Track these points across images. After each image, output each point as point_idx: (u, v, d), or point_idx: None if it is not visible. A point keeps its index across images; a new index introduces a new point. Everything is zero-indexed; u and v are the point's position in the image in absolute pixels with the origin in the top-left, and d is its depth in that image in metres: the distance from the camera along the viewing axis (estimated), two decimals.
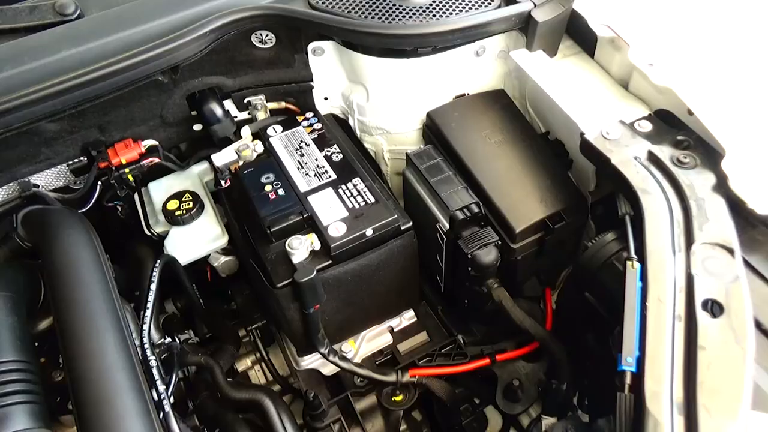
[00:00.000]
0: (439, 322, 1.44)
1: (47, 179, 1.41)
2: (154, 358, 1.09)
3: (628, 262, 0.97)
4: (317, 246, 1.19)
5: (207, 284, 1.56)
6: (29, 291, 1.19)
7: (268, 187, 1.29)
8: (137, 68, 1.17)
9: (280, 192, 1.28)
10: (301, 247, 1.17)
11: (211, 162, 1.50)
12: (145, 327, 1.13)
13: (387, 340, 1.42)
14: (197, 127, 1.50)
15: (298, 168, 1.33)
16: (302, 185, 1.29)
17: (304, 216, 1.22)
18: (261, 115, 1.52)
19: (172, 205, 1.40)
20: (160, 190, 1.48)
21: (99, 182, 1.41)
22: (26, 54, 1.20)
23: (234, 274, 1.55)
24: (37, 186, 1.38)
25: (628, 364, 0.88)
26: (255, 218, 1.25)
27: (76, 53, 1.20)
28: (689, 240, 0.97)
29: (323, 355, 1.27)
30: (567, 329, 1.29)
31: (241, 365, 1.52)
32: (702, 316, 0.89)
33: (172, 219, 1.38)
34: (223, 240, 1.40)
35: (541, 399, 1.30)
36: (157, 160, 1.44)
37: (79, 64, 1.17)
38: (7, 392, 0.98)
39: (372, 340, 1.41)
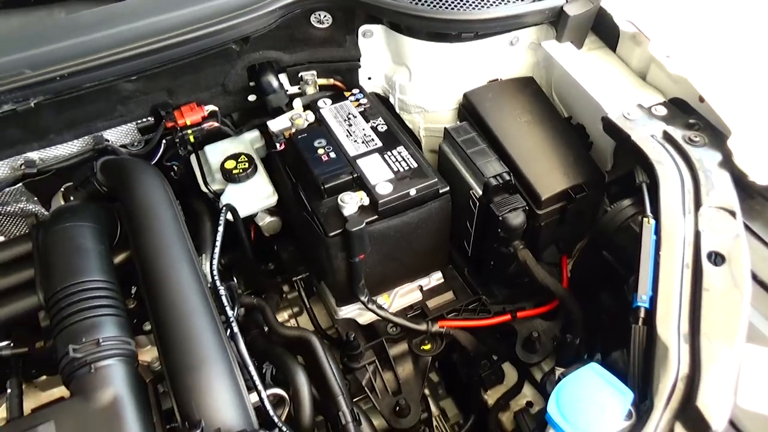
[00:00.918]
0: (464, 283, 1.59)
1: (116, 135, 1.56)
2: (223, 288, 1.23)
3: (644, 219, 1.12)
4: (366, 202, 1.33)
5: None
6: (107, 228, 1.33)
7: (320, 151, 1.43)
8: (216, 36, 1.32)
9: (332, 155, 1.42)
10: (351, 202, 1.32)
11: (262, 130, 1.66)
12: (215, 261, 1.27)
13: (417, 296, 1.57)
14: (252, 97, 1.65)
15: (347, 136, 1.48)
16: (351, 150, 1.44)
17: (354, 176, 1.37)
18: (310, 90, 1.67)
19: (230, 164, 1.54)
20: (215, 152, 1.62)
21: (163, 141, 1.56)
22: (115, 18, 1.34)
23: (276, 234, 1.69)
24: (107, 141, 1.54)
25: (642, 301, 1.04)
26: (309, 177, 1.40)
27: (159, 21, 1.35)
28: (697, 203, 1.13)
29: (363, 303, 1.42)
30: (581, 291, 1.44)
31: (280, 318, 1.66)
32: (707, 265, 1.04)
33: (229, 177, 1.52)
34: (274, 199, 1.55)
35: (555, 352, 1.45)
36: (216, 124, 1.59)
37: (161, 30, 1.32)
38: (99, 305, 1.12)
39: (403, 296, 1.56)
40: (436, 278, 1.60)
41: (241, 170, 1.52)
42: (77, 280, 1.14)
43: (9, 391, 1.14)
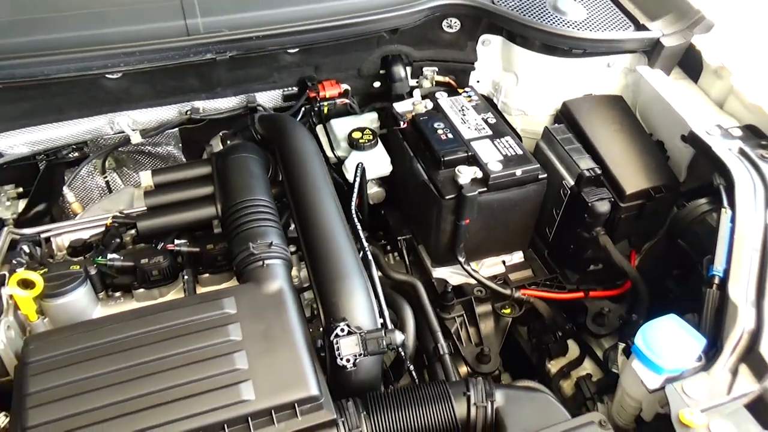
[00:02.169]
0: (542, 264, 1.82)
1: (264, 98, 1.85)
2: (359, 221, 1.49)
3: (723, 210, 1.35)
4: (478, 175, 1.58)
5: None
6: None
7: (439, 131, 1.70)
8: (375, 24, 1.61)
9: (449, 135, 1.69)
10: (466, 173, 1.57)
11: (379, 113, 1.93)
12: (354, 203, 1.53)
13: (500, 269, 1.80)
14: (376, 84, 1.94)
15: (462, 123, 1.74)
16: (466, 134, 1.70)
17: (468, 154, 1.63)
18: (426, 84, 1.95)
19: (356, 134, 1.81)
20: (340, 125, 1.90)
21: (302, 108, 1.85)
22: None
23: (380, 203, 1.94)
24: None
25: (717, 271, 1.26)
26: (429, 151, 1.66)
27: (333, 5, 1.64)
28: (767, 204, 1.36)
29: (460, 263, 1.66)
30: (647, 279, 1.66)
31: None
32: None
33: (355, 145, 1.79)
34: (389, 168, 1.81)
35: (618, 330, 1.66)
36: (347, 101, 1.88)
37: (333, 12, 1.62)
38: (267, 219, 1.39)
39: (489, 267, 1.80)
40: (517, 257, 1.84)
41: (366, 140, 1.79)
42: (251, 197, 1.41)
43: (186, 277, 1.39)
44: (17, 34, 1.45)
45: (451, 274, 1.76)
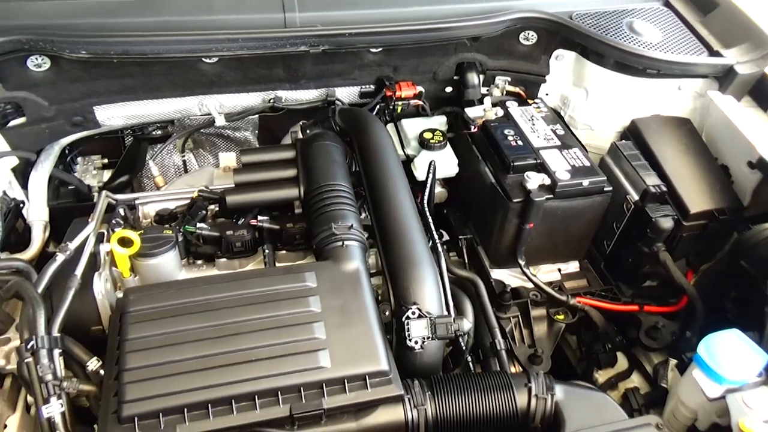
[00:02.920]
0: (597, 275, 1.86)
1: (341, 94, 1.94)
2: (430, 216, 1.56)
3: None
4: (546, 182, 1.64)
5: None
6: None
7: (509, 138, 1.76)
8: (459, 30, 1.69)
9: (519, 142, 1.75)
10: (535, 179, 1.63)
11: (448, 117, 2.01)
12: (426, 197, 1.60)
13: (555, 276, 1.85)
14: (448, 89, 2.02)
15: (531, 132, 1.80)
16: (535, 142, 1.76)
17: (537, 161, 1.69)
18: (496, 92, 2.02)
19: (428, 134, 1.88)
20: (411, 125, 1.97)
21: (377, 106, 1.93)
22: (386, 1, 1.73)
23: (441, 203, 2.01)
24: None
25: None
26: (498, 155, 1.72)
27: (413, 11, 1.73)
28: None
29: (520, 266, 1.71)
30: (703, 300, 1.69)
31: None
32: None
33: (426, 144, 1.86)
34: (456, 170, 1.88)
35: (671, 345, 1.69)
36: (420, 103, 1.96)
37: (422, 17, 1.70)
38: (347, 203, 1.47)
39: (545, 273, 1.84)
40: (573, 266, 1.88)
41: (437, 141, 1.86)
42: (333, 182, 1.50)
43: (267, 251, 1.48)
44: (135, 14, 1.58)
45: (508, 276, 1.82)
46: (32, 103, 1.65)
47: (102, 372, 1.28)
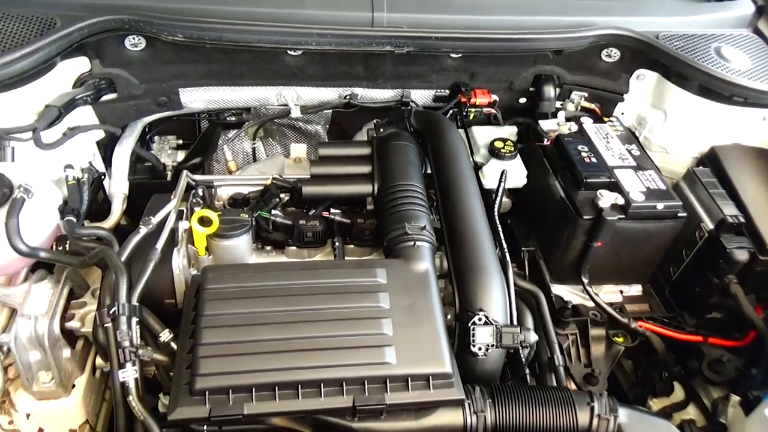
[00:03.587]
0: (660, 301, 1.82)
1: (416, 96, 1.96)
2: (500, 225, 1.56)
3: None
4: (619, 202, 1.62)
5: None
6: None
7: (583, 153, 1.75)
8: (544, 42, 1.69)
9: (593, 159, 1.73)
10: (608, 197, 1.61)
11: (519, 128, 2.00)
12: (497, 205, 1.60)
13: (617, 298, 1.82)
14: (522, 100, 2.01)
15: (606, 150, 1.78)
16: (609, 161, 1.73)
17: (611, 180, 1.67)
18: (571, 107, 2.00)
19: (499, 144, 1.88)
20: (481, 133, 1.97)
21: (450, 111, 1.94)
22: (475, 8, 1.74)
23: (505, 213, 2.01)
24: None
25: None
26: (570, 171, 1.71)
27: (500, 20, 1.73)
28: None
29: (583, 284, 1.69)
30: None
31: None
32: None
33: (496, 153, 1.86)
34: (524, 181, 1.87)
35: (734, 381, 1.64)
36: (493, 111, 1.96)
37: (508, 26, 1.71)
38: (420, 204, 1.49)
39: (607, 293, 1.82)
40: (636, 289, 1.85)
41: (507, 151, 1.86)
42: (407, 182, 1.52)
43: (337, 244, 1.51)
44: (229, 2, 1.63)
45: (568, 293, 1.80)
46: (124, 81, 1.72)
47: (173, 344, 1.32)
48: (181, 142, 2.14)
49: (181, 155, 2.11)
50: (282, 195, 1.69)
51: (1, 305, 1.50)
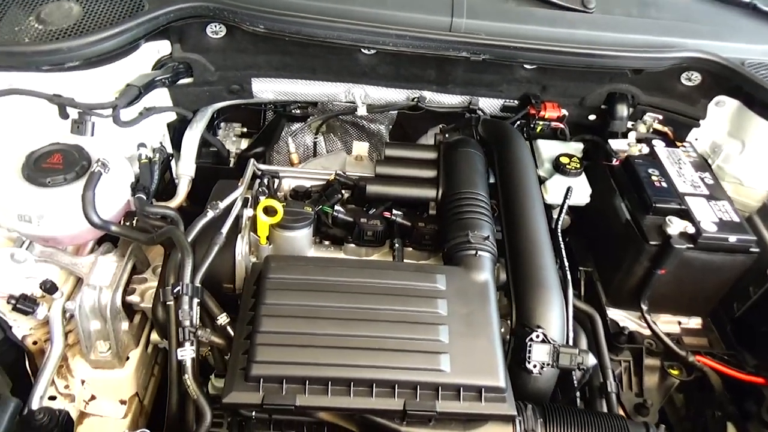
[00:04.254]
0: (720, 337, 1.75)
1: (484, 104, 1.94)
2: (562, 242, 1.53)
3: None
4: (689, 230, 1.56)
5: None
6: None
7: (654, 177, 1.70)
8: (625, 60, 1.65)
9: (663, 184, 1.68)
10: (678, 224, 1.56)
11: (585, 144, 1.95)
12: (560, 221, 1.57)
13: (674, 329, 1.76)
14: (592, 117, 1.97)
15: (677, 175, 1.72)
16: (680, 187, 1.68)
17: (682, 207, 1.61)
18: (641, 128, 1.95)
19: (564, 159, 1.84)
20: (546, 147, 1.93)
21: (517, 122, 1.92)
22: (555, 21, 1.71)
23: (563, 230, 1.96)
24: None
25: None
26: (639, 193, 1.66)
27: (582, 34, 1.69)
28: None
29: (641, 311, 1.64)
30: None
31: None
32: None
33: (561, 169, 1.82)
34: (587, 200, 1.82)
35: None
36: (561, 126, 1.92)
37: (583, 40, 1.67)
38: (484, 213, 1.48)
39: (664, 323, 1.76)
40: (695, 322, 1.78)
41: (573, 167, 1.82)
42: (473, 190, 1.51)
43: (397, 245, 1.51)
44: None
45: (623, 318, 1.74)
46: (201, 66, 1.76)
47: (229, 328, 1.35)
48: (245, 130, 2.18)
49: (244, 143, 2.15)
50: (343, 191, 1.70)
51: (68, 273, 1.56)
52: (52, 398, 1.52)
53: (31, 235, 1.47)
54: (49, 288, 1.46)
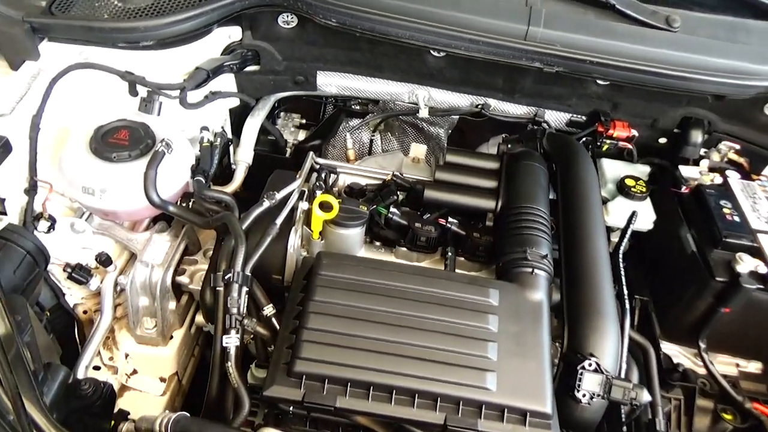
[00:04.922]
0: None
1: (549, 117, 1.88)
2: (623, 266, 1.47)
3: None
4: (761, 270, 1.47)
5: None
6: None
7: (725, 210, 1.61)
8: (708, 85, 1.56)
9: (735, 218, 1.59)
10: (748, 262, 1.47)
11: (652, 168, 1.87)
12: (622, 246, 1.51)
13: (731, 371, 1.66)
14: (662, 140, 1.88)
15: (751, 210, 1.63)
16: (754, 223, 1.58)
17: (754, 244, 1.52)
18: (715, 157, 1.85)
19: (630, 182, 1.76)
20: (611, 167, 1.86)
21: (584, 138, 1.85)
22: (636, 38, 1.63)
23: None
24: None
25: None
26: (708, 225, 1.58)
27: (663, 53, 1.61)
28: None
29: (699, 350, 1.56)
30: None
31: None
32: None
33: (626, 191, 1.74)
34: (650, 226, 1.75)
35: None
36: (629, 146, 1.84)
37: (663, 59, 1.59)
38: (543, 230, 1.42)
39: (720, 364, 1.66)
40: (754, 366, 1.68)
41: (638, 191, 1.74)
42: (534, 205, 1.46)
43: (450, 254, 1.48)
44: None
45: (678, 354, 1.66)
46: (269, 55, 1.77)
47: (274, 320, 1.34)
48: (304, 121, 2.18)
49: (302, 134, 2.15)
50: (399, 193, 1.68)
51: (122, 248, 1.59)
52: (96, 368, 1.55)
53: (92, 207, 1.50)
54: (104, 261, 1.49)
